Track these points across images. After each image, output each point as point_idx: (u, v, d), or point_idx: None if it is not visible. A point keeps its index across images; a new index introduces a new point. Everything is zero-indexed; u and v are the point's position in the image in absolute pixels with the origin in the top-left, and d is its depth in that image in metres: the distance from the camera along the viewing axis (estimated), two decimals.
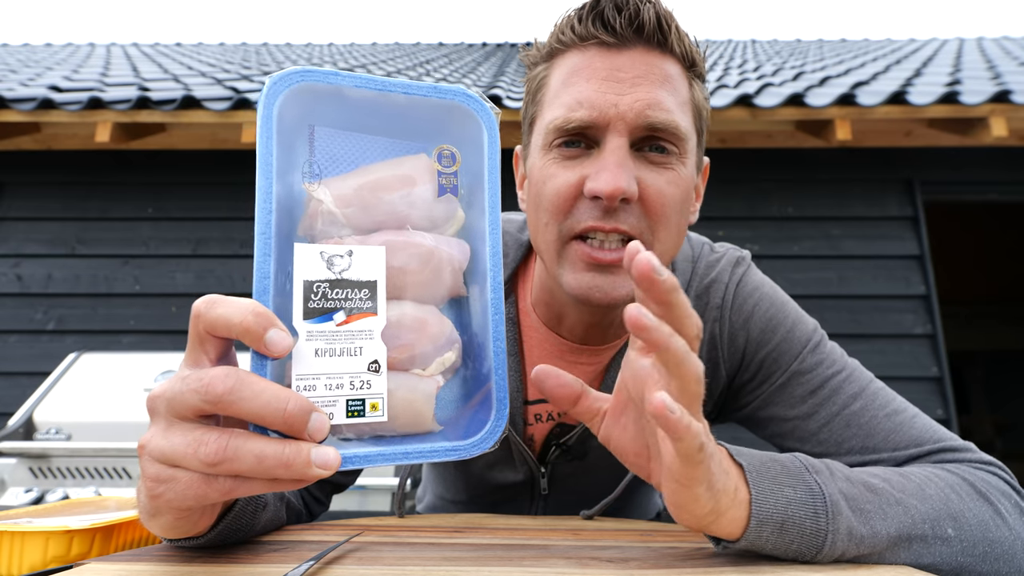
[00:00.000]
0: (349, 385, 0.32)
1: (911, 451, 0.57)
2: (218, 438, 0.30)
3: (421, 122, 0.37)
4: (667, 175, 0.55)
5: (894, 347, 2.64)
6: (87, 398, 1.43)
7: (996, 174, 2.86)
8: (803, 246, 2.76)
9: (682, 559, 0.45)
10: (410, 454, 0.33)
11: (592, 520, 0.61)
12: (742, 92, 2.58)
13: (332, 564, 0.42)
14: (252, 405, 0.30)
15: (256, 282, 0.32)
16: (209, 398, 0.30)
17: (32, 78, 3.45)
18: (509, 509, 0.73)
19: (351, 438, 0.33)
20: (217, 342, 0.32)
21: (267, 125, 0.33)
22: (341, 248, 0.33)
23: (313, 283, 0.32)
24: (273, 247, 0.32)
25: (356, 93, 0.35)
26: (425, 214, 0.36)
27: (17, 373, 2.68)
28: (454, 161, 0.37)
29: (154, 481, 0.32)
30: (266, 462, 0.30)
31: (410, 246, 0.35)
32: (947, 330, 2.92)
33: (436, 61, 4.82)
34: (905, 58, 4.22)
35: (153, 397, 0.32)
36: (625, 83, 0.53)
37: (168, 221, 2.87)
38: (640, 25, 0.53)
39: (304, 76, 0.33)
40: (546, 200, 0.56)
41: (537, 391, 0.68)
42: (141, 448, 0.32)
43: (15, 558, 0.49)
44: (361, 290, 0.33)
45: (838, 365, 0.62)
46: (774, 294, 0.67)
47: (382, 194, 0.35)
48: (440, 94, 0.37)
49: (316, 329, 0.32)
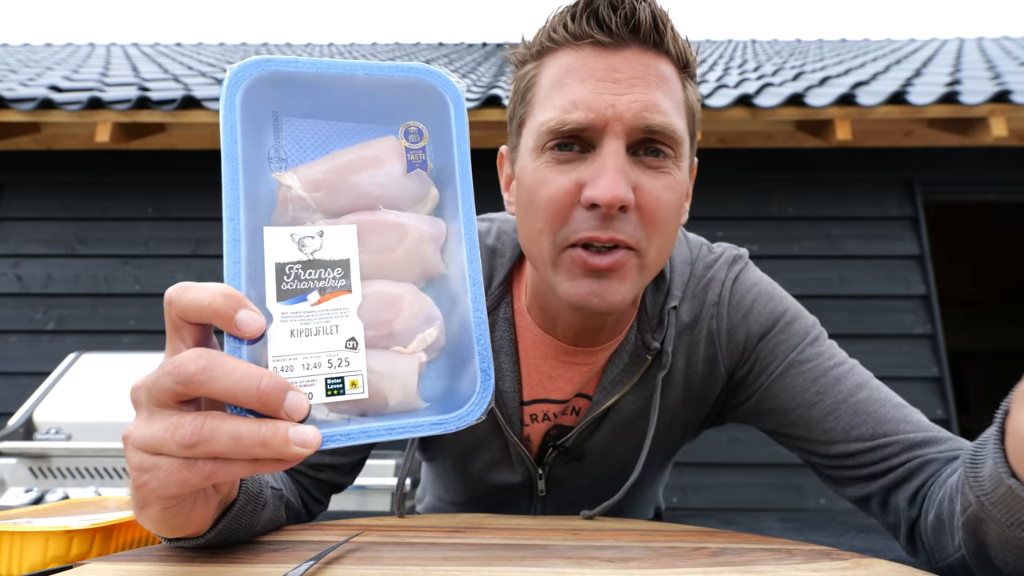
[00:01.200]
0: (327, 364, 0.32)
1: (920, 435, 0.57)
2: (193, 420, 0.30)
3: (386, 102, 0.36)
4: (664, 180, 0.54)
5: (894, 347, 2.64)
6: (87, 398, 1.43)
7: (996, 174, 2.86)
8: (803, 246, 2.76)
9: (682, 559, 0.45)
10: (394, 429, 0.32)
11: (592, 520, 0.61)
12: (742, 92, 2.57)
13: (332, 564, 0.42)
14: (224, 384, 0.29)
15: (227, 268, 0.32)
16: (181, 378, 0.30)
17: (32, 78, 3.45)
18: (507, 511, 0.73)
19: (333, 419, 0.32)
20: (193, 328, 0.32)
21: (230, 115, 0.33)
22: (312, 229, 0.33)
23: (285, 265, 0.32)
24: (243, 232, 0.32)
25: (318, 79, 0.35)
26: (396, 193, 0.36)
27: (17, 373, 2.68)
28: (421, 137, 0.37)
29: (137, 470, 0.32)
30: (242, 441, 0.29)
31: (382, 224, 0.35)
32: (947, 330, 2.92)
33: (436, 61, 4.82)
34: (905, 58, 4.22)
35: (135, 388, 0.33)
36: (622, 83, 0.52)
37: (168, 221, 2.87)
38: (636, 24, 0.52)
39: (264, 65, 0.33)
40: (540, 208, 0.54)
41: (530, 392, 0.68)
42: (125, 439, 0.33)
43: (15, 558, 0.49)
44: (334, 269, 0.33)
45: (838, 358, 0.63)
46: (772, 290, 0.67)
47: (350, 176, 0.35)
48: (403, 72, 0.36)
49: (290, 310, 0.32)
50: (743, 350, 0.65)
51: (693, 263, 0.68)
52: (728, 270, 0.67)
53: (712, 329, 0.66)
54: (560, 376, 0.67)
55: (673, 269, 0.68)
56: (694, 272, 0.68)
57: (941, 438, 0.57)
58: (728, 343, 0.66)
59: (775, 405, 0.63)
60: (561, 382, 0.68)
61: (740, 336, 0.65)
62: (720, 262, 0.68)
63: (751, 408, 0.66)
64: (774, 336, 0.64)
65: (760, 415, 0.66)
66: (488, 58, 5.21)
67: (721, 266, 0.67)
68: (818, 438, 0.60)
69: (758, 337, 0.64)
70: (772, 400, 0.63)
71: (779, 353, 0.63)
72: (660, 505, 0.98)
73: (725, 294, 0.66)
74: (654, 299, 0.67)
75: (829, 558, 0.45)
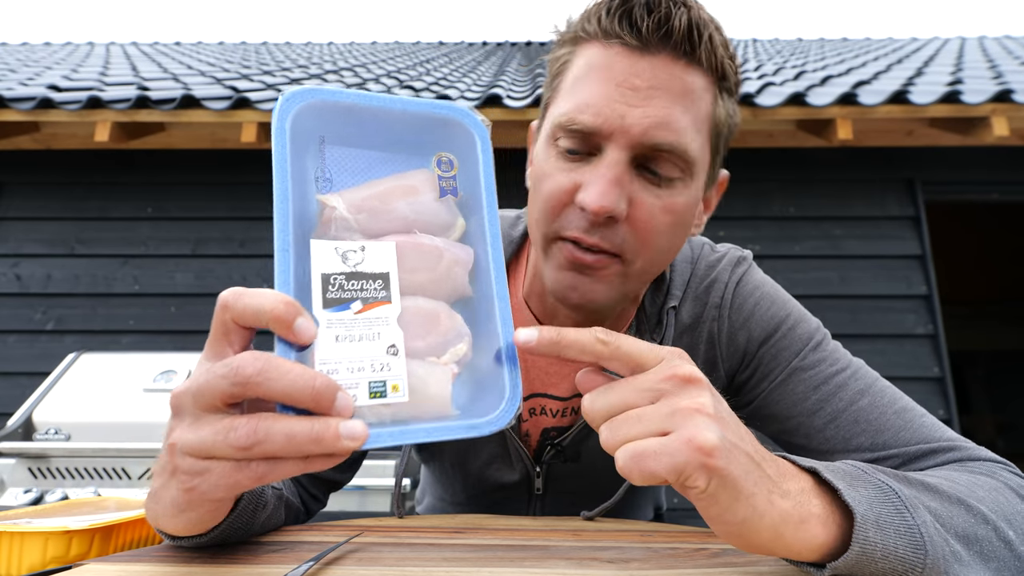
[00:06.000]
0: (370, 368, 0.34)
1: (922, 447, 0.55)
2: (247, 422, 0.31)
3: (421, 134, 0.40)
4: (663, 199, 0.53)
5: (895, 347, 2.63)
6: (86, 398, 1.43)
7: (998, 174, 2.85)
8: (804, 246, 2.76)
9: (683, 560, 0.45)
10: (431, 431, 0.35)
11: (592, 521, 0.61)
12: (743, 91, 2.58)
13: (332, 565, 0.42)
14: (281, 384, 0.30)
15: (277, 275, 0.34)
16: (239, 379, 0.30)
17: (31, 77, 3.45)
18: (506, 510, 0.72)
19: (373, 422, 0.34)
20: (242, 333, 0.33)
21: (281, 137, 0.36)
22: (355, 244, 0.36)
23: (330, 275, 0.35)
24: (291, 244, 0.34)
25: (360, 109, 0.38)
26: (430, 220, 0.39)
27: (16, 373, 2.68)
28: (452, 166, 0.40)
29: (188, 475, 0.32)
30: (296, 439, 0.30)
31: (419, 247, 0.38)
32: (948, 330, 2.92)
33: (436, 60, 4.82)
34: (906, 57, 4.22)
35: (177, 394, 0.33)
36: (640, 92, 0.50)
37: (167, 221, 2.87)
38: (669, 31, 0.50)
39: (314, 94, 0.37)
40: (541, 198, 0.56)
41: (529, 386, 0.68)
42: (172, 447, 0.33)
43: (14, 558, 0.49)
44: (375, 280, 0.36)
45: (842, 363, 0.61)
46: (775, 293, 0.66)
47: (391, 201, 0.38)
48: (436, 109, 0.40)
49: (335, 317, 0.34)
50: (744, 354, 0.65)
51: (695, 262, 0.68)
52: (732, 272, 0.66)
53: (713, 332, 0.65)
54: (557, 372, 0.67)
55: (674, 269, 0.67)
56: (695, 272, 0.67)
57: (941, 448, 0.55)
58: (728, 346, 0.65)
59: (776, 412, 0.63)
60: (558, 378, 0.68)
61: (741, 340, 0.65)
62: (724, 263, 0.67)
63: (751, 413, 0.66)
64: (776, 342, 0.63)
65: (760, 420, 0.66)
66: (488, 57, 5.21)
67: (725, 267, 0.67)
68: (818, 447, 0.60)
69: (760, 342, 0.64)
70: (773, 407, 0.63)
71: (782, 360, 0.62)
72: (661, 505, 0.97)
73: (728, 297, 0.65)
74: (653, 299, 0.66)
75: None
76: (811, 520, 0.36)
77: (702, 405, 0.34)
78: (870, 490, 0.39)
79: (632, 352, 0.37)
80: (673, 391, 0.35)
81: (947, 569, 0.38)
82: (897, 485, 0.40)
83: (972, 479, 0.48)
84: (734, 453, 0.34)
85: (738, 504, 0.34)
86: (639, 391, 0.36)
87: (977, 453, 0.55)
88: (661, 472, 0.33)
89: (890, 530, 0.37)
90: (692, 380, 0.36)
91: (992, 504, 0.44)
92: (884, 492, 0.39)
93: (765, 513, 0.34)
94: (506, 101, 2.56)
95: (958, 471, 0.50)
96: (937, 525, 0.39)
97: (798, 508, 0.36)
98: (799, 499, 0.36)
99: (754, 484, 0.34)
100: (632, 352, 0.37)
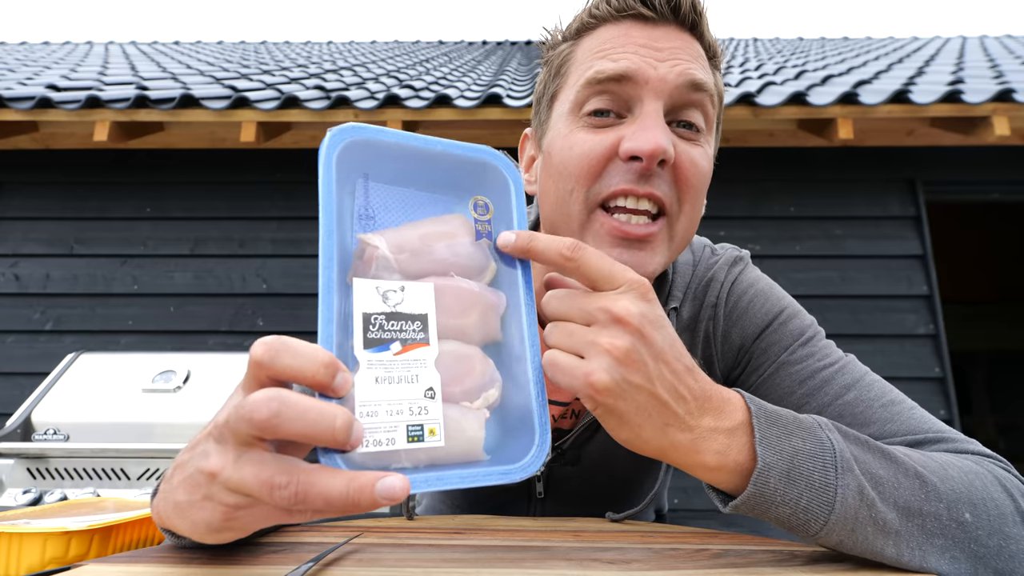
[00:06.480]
0: (408, 411, 0.34)
1: (908, 438, 0.54)
2: (288, 482, 0.30)
3: (457, 175, 0.41)
4: (698, 149, 0.55)
5: (896, 347, 2.63)
6: (85, 399, 1.42)
7: (999, 173, 2.85)
8: (805, 246, 2.76)
9: (684, 560, 0.44)
10: (466, 478, 0.35)
11: (593, 521, 0.61)
12: (744, 91, 2.57)
13: (331, 565, 0.42)
14: (297, 426, 0.30)
15: (321, 313, 0.34)
16: (255, 424, 0.30)
17: (30, 77, 3.45)
18: (507, 513, 0.72)
19: (407, 467, 0.34)
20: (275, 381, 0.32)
21: (328, 173, 0.36)
22: (394, 284, 0.37)
23: (371, 315, 0.35)
24: (335, 281, 0.35)
25: (401, 148, 0.39)
26: (466, 263, 0.40)
27: (15, 373, 2.68)
28: (487, 210, 0.42)
29: (233, 508, 0.32)
30: (334, 504, 0.30)
31: (456, 289, 0.38)
32: (949, 330, 2.92)
33: (436, 59, 4.82)
34: (907, 57, 4.22)
35: (217, 425, 0.32)
36: (664, 52, 0.54)
37: (166, 221, 2.87)
38: (677, 4, 0.55)
39: (358, 132, 0.38)
40: (573, 164, 0.54)
41: None
42: (213, 475, 0.32)
43: (13, 559, 0.49)
44: (414, 322, 0.36)
45: (831, 359, 0.60)
46: (770, 290, 0.66)
47: (431, 243, 0.39)
48: (472, 152, 0.41)
49: (375, 358, 0.34)
50: (738, 351, 0.65)
51: (695, 264, 0.68)
52: (728, 271, 0.67)
53: (709, 331, 0.65)
54: None
55: (675, 270, 0.67)
56: (696, 273, 0.67)
57: (928, 439, 0.54)
58: (723, 345, 0.65)
59: None
60: None
61: (735, 338, 0.65)
62: (720, 263, 0.67)
63: None
64: (767, 336, 0.63)
65: None
66: (488, 56, 5.21)
67: (721, 267, 0.67)
68: None
69: (752, 338, 0.64)
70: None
71: (771, 354, 0.62)
72: (662, 506, 0.97)
73: (723, 296, 0.65)
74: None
75: (831, 560, 0.45)
76: (706, 454, 0.40)
77: (614, 347, 0.37)
78: (804, 443, 0.41)
79: (592, 271, 0.39)
80: (602, 323, 0.38)
81: (856, 529, 0.40)
82: (842, 445, 0.42)
83: (950, 460, 0.47)
84: (629, 393, 0.38)
85: (621, 429, 0.39)
86: (580, 310, 0.39)
87: (967, 446, 0.53)
88: (563, 386, 0.39)
89: (801, 482, 0.40)
90: (621, 320, 0.38)
91: (958, 484, 0.44)
92: (819, 447, 0.41)
93: (651, 439, 0.39)
94: (506, 101, 2.56)
95: (942, 455, 0.49)
96: (869, 490, 0.40)
97: (696, 442, 0.40)
98: (704, 435, 0.40)
99: (645, 418, 0.39)
100: (592, 271, 0.39)
